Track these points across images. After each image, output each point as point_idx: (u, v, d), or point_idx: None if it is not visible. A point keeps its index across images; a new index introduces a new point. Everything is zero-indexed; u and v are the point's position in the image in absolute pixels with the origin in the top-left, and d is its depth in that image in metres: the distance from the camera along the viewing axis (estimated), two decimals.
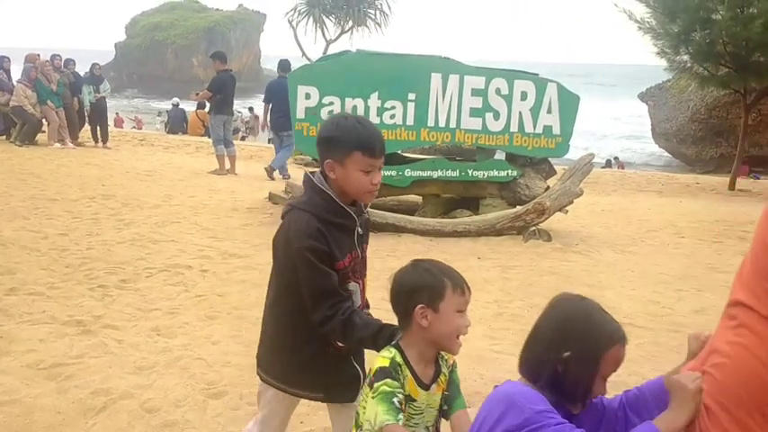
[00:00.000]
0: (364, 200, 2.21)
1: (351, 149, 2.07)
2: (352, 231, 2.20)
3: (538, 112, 8.08)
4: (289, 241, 2.11)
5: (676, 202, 11.92)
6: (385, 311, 2.13)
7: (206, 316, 4.75)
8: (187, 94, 16.07)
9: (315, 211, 2.10)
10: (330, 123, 2.16)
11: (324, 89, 7.53)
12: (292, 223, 2.12)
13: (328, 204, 2.12)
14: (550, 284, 5.96)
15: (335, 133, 2.10)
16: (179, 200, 8.95)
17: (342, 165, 2.09)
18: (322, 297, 2.09)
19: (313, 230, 2.07)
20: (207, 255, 6.34)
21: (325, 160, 2.11)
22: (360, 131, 2.08)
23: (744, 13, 12.85)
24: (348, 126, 2.09)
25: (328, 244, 2.08)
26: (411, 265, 1.95)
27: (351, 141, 2.07)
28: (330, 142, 2.11)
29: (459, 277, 1.90)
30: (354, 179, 2.10)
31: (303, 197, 2.17)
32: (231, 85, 11.83)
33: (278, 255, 2.22)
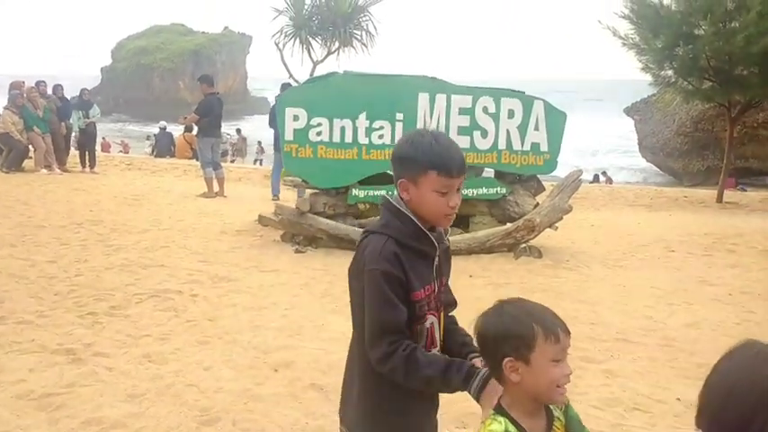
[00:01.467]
0: (441, 224, 2.01)
1: (425, 169, 1.90)
2: (431, 260, 2.01)
3: (525, 130, 8.11)
4: (362, 266, 1.92)
5: (665, 215, 11.98)
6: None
7: (197, 341, 4.71)
8: (174, 118, 16.10)
9: (393, 235, 1.93)
10: (405, 141, 2.00)
11: (312, 111, 7.54)
12: (368, 246, 1.94)
13: (408, 227, 1.95)
14: (542, 301, 5.88)
15: (410, 151, 1.94)
16: (168, 224, 8.90)
17: (416, 185, 1.93)
18: (384, 332, 1.87)
19: (390, 254, 1.89)
20: (197, 279, 6.30)
21: (399, 179, 1.96)
22: (436, 149, 1.92)
23: (726, 28, 13.02)
24: (423, 144, 1.93)
25: (405, 271, 1.89)
26: (495, 308, 1.75)
27: (426, 160, 1.91)
28: (404, 161, 1.96)
29: (552, 320, 1.68)
30: (430, 201, 1.93)
31: (380, 221, 2.00)
32: (218, 107, 11.83)
33: (352, 287, 2.02)
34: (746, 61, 13.07)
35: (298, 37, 13.65)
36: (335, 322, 5.14)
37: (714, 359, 4.61)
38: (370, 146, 7.72)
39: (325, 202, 7.74)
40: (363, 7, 13.75)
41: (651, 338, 5.10)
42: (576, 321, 5.43)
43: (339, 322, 5.15)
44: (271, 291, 6.02)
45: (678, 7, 13.74)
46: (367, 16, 13.95)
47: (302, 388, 3.98)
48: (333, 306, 5.62)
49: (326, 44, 13.89)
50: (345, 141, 7.65)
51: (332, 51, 13.98)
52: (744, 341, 1.41)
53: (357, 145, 7.68)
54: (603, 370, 4.39)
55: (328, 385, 3.94)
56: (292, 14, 13.62)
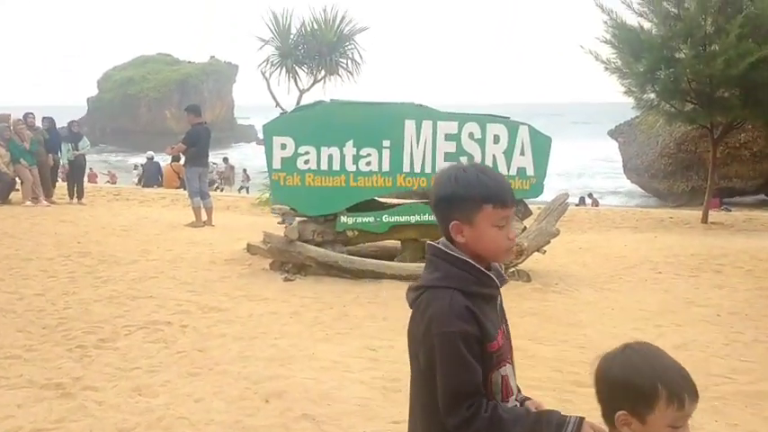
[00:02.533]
0: (502, 259, 1.88)
1: (480, 204, 1.76)
2: (495, 301, 1.88)
3: (511, 155, 8.18)
4: (428, 327, 1.72)
5: (651, 237, 12.07)
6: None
7: (187, 373, 4.68)
8: (161, 147, 16.14)
9: (457, 286, 1.74)
10: (447, 179, 1.82)
11: (299, 139, 7.60)
12: (431, 304, 1.74)
13: (471, 274, 1.77)
14: (532, 325, 5.98)
15: (458, 189, 1.78)
16: (156, 254, 8.87)
17: (471, 224, 1.77)
18: (461, 397, 1.69)
19: (461, 309, 1.70)
20: (186, 309, 6.27)
21: (450, 222, 1.79)
22: (485, 181, 1.78)
23: (705, 52, 13.25)
24: (470, 178, 1.79)
25: (479, 324, 1.72)
26: (620, 352, 1.63)
27: (478, 195, 1.76)
28: (453, 201, 1.79)
29: (680, 383, 1.53)
30: (489, 238, 1.78)
31: (435, 272, 1.80)
32: (206, 137, 11.87)
33: (416, 350, 1.81)
34: (727, 83, 13.29)
35: (284, 66, 13.75)
36: (326, 350, 5.14)
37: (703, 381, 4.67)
38: (357, 173, 7.77)
39: (313, 230, 7.76)
40: (348, 36, 13.90)
41: None
42: (565, 345, 5.46)
43: (329, 350, 5.15)
44: (260, 320, 6.00)
45: (659, 32, 13.99)
46: (352, 45, 14.09)
47: (294, 418, 3.96)
48: (323, 334, 5.61)
49: (312, 73, 14.00)
50: (333, 169, 7.70)
51: (318, 80, 14.08)
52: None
53: (345, 172, 7.73)
54: (594, 394, 4.40)
55: (320, 415, 3.94)
56: (278, 44, 13.73)
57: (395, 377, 4.60)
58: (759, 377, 4.76)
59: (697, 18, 13.36)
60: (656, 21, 14.11)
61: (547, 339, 5.59)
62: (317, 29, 13.67)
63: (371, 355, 5.08)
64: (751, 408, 4.23)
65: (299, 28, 13.77)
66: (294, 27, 13.76)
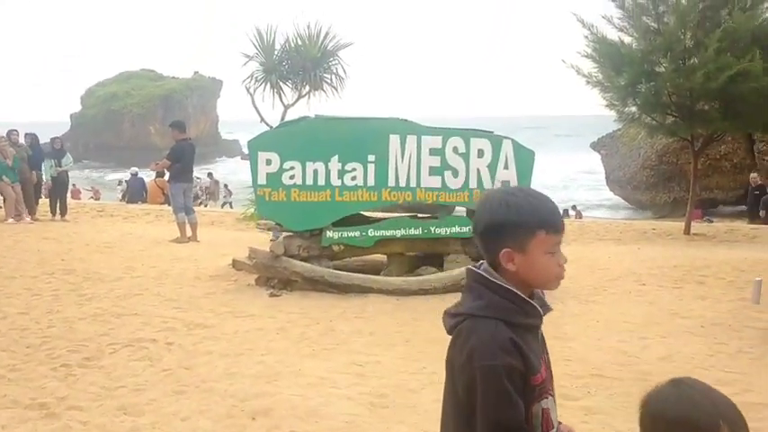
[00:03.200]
0: (552, 287, 1.79)
1: (533, 230, 1.69)
2: (538, 331, 1.79)
3: (495, 169, 8.25)
4: (470, 359, 1.63)
5: (635, 249, 12.16)
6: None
7: (173, 391, 4.65)
8: (145, 163, 16.05)
9: (501, 316, 1.66)
10: (498, 204, 1.72)
11: (284, 155, 7.61)
12: (474, 333, 1.65)
13: (515, 304, 1.69)
14: None
15: (510, 215, 1.69)
16: (141, 271, 8.83)
17: (524, 251, 1.69)
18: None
19: (505, 341, 1.62)
20: (172, 326, 6.24)
21: (501, 250, 1.70)
22: (537, 206, 1.72)
23: (685, 65, 13.42)
24: (521, 203, 1.70)
25: (524, 357, 1.64)
26: (671, 386, 1.53)
27: (531, 221, 1.69)
28: (504, 228, 1.70)
29: (738, 418, 1.47)
30: (541, 265, 1.71)
31: (477, 300, 1.71)
32: (190, 153, 11.86)
33: (454, 379, 1.72)
34: (706, 96, 13.45)
35: (268, 81, 13.75)
36: (313, 367, 5.13)
37: None
38: (342, 188, 7.80)
39: (299, 245, 7.76)
40: (332, 51, 13.93)
41: (627, 373, 5.15)
42: (551, 358, 5.47)
43: (316, 366, 5.14)
44: (246, 336, 5.98)
45: (639, 46, 14.15)
46: (336, 60, 14.13)
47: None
48: (310, 350, 5.60)
49: (297, 88, 14.00)
50: (318, 184, 7.72)
51: (302, 95, 14.08)
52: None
53: (330, 187, 7.75)
54: (582, 407, 4.43)
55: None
56: (262, 59, 13.74)
57: (382, 393, 4.60)
58: (744, 388, 4.80)
59: (676, 32, 13.54)
60: (636, 35, 14.28)
61: None
62: (300, 45, 13.68)
63: (358, 371, 5.07)
64: None
65: (284, 44, 13.78)
66: (278, 43, 13.78)
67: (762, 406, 4.46)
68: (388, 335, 6.10)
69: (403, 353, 5.57)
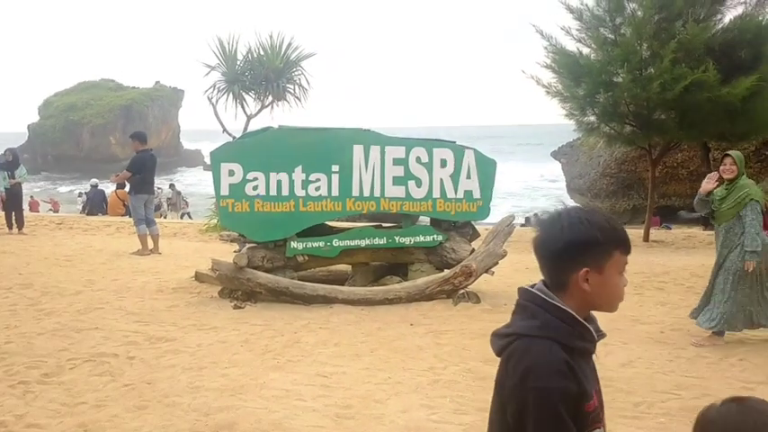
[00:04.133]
0: (615, 309, 1.75)
1: (611, 250, 1.66)
2: (591, 357, 1.74)
3: (458, 178, 8.33)
4: (523, 380, 1.58)
5: None
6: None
7: (135, 406, 4.58)
8: (106, 174, 15.82)
9: (558, 338, 1.62)
10: (577, 222, 1.67)
11: (247, 165, 7.58)
12: (528, 354, 1.61)
13: (573, 326, 1.64)
14: (483, 347, 6.03)
15: (593, 233, 1.65)
16: (102, 284, 8.68)
17: (600, 271, 1.66)
18: None
19: (561, 363, 1.57)
20: (133, 340, 6.15)
21: (579, 270, 1.65)
22: (614, 225, 1.69)
23: (642, 76, 13.72)
24: (600, 222, 1.67)
25: (578, 381, 1.59)
26: (733, 404, 1.50)
27: (611, 240, 1.66)
28: (590, 247, 1.65)
29: None
30: (614, 286, 1.69)
31: (531, 320, 1.67)
32: (151, 164, 11.72)
33: (503, 401, 1.66)
34: (663, 106, 13.77)
35: (230, 91, 13.68)
36: (277, 379, 5.11)
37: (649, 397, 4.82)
38: (307, 198, 7.79)
39: (263, 256, 7.72)
40: (295, 62, 13.93)
41: None
42: None
43: (281, 379, 5.12)
44: (210, 349, 5.92)
45: (597, 57, 14.44)
46: (299, 70, 14.13)
47: None
48: (274, 362, 5.57)
49: (260, 98, 13.96)
50: (282, 194, 7.70)
51: (265, 105, 14.05)
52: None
53: (294, 198, 7.74)
54: None
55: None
56: (224, 69, 13.67)
57: (347, 404, 4.60)
58: (702, 392, 4.91)
59: (633, 44, 13.84)
60: (594, 46, 14.58)
61: (497, 361, 5.63)
62: (263, 55, 13.66)
63: (323, 383, 5.06)
64: None
65: (246, 54, 13.74)
66: (240, 53, 13.74)
67: None
68: (353, 345, 6.10)
69: (368, 363, 5.58)
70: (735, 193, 6.14)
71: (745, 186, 6.10)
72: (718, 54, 13.35)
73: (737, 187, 6.13)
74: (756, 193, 6.08)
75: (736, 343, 6.26)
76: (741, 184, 6.13)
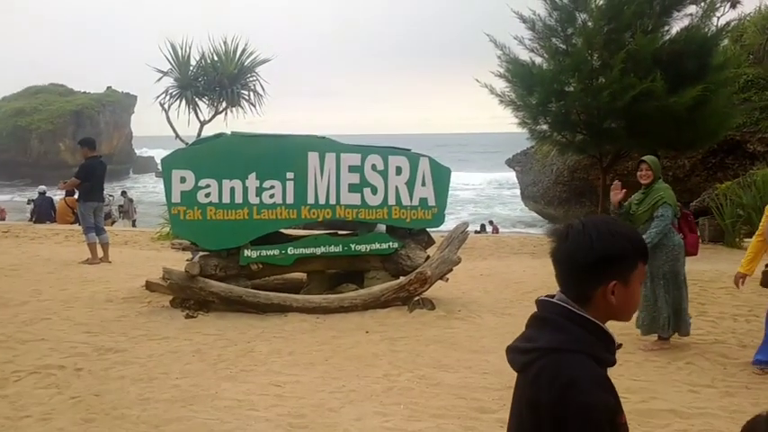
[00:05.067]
0: (630, 319, 1.75)
1: (636, 261, 1.65)
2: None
3: (413, 186, 8.36)
4: (563, 396, 1.52)
5: (548, 262, 12.41)
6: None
7: (82, 419, 4.47)
8: (54, 181, 15.43)
9: (589, 351, 1.59)
10: (606, 235, 1.63)
11: (199, 172, 7.48)
12: (566, 370, 1.55)
13: (601, 339, 1.63)
14: (437, 353, 6.07)
15: (622, 245, 1.63)
16: (49, 294, 8.45)
17: (626, 283, 1.64)
18: None
19: (600, 377, 1.56)
20: (81, 352, 6.00)
21: (608, 283, 1.62)
22: (638, 236, 1.69)
23: (593, 85, 14.03)
24: (626, 233, 1.66)
25: (615, 395, 1.59)
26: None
27: (637, 252, 1.65)
28: (619, 259, 1.63)
29: None
30: (635, 296, 1.67)
31: (558, 334, 1.62)
32: (101, 171, 11.48)
33: (535, 419, 1.60)
34: (613, 115, 14.10)
35: (184, 97, 13.53)
36: (230, 389, 5.04)
37: None
38: (261, 205, 7.71)
39: (215, 264, 7.61)
40: (250, 68, 13.86)
41: None
42: (469, 372, 5.57)
43: (234, 389, 5.05)
44: (161, 360, 5.81)
45: (549, 66, 14.71)
46: (254, 76, 14.06)
47: None
48: (227, 372, 5.50)
49: (214, 104, 13.84)
50: (235, 202, 7.61)
51: (219, 111, 13.94)
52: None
53: (248, 205, 7.66)
54: (498, 419, 4.51)
55: None
56: (177, 75, 13.51)
57: (301, 413, 4.56)
58: (650, 395, 5.02)
59: (584, 54, 14.15)
60: (546, 56, 14.85)
61: (451, 367, 5.69)
62: (217, 60, 13.55)
63: (277, 392, 5.01)
64: (643, 426, 4.44)
65: (199, 59, 13.62)
66: (194, 58, 13.61)
67: (666, 412, 4.67)
68: (307, 354, 6.06)
69: (323, 371, 5.54)
70: (651, 196, 6.41)
71: (660, 190, 6.37)
72: (666, 64, 13.73)
73: (653, 191, 6.41)
74: (670, 197, 6.34)
75: (683, 347, 6.40)
76: (656, 187, 6.42)
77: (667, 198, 6.31)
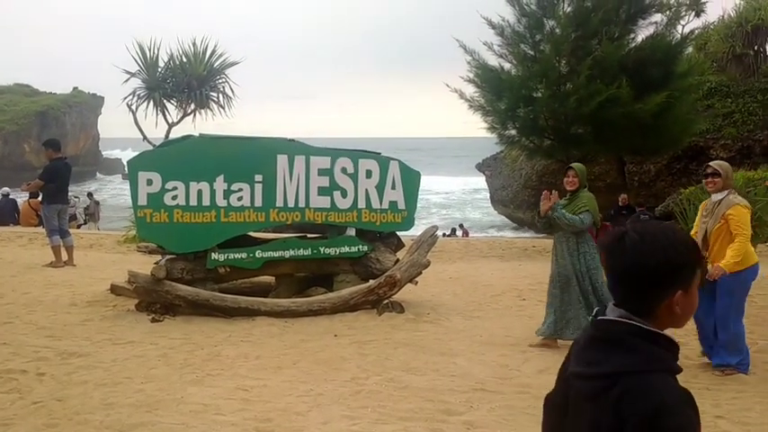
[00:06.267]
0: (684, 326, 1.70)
1: (695, 268, 1.60)
2: None
3: (383, 189, 8.37)
4: (653, 420, 1.45)
5: (516, 265, 12.63)
6: None
7: (44, 424, 4.38)
8: (18, 183, 15.13)
9: (666, 368, 1.54)
10: (668, 243, 1.58)
11: (166, 174, 7.39)
12: (650, 392, 1.48)
13: (671, 352, 1.57)
14: (406, 356, 6.08)
15: (690, 255, 1.59)
16: (11, 297, 8.28)
17: (688, 291, 1.59)
18: None
19: (688, 397, 1.51)
20: (44, 356, 5.88)
21: (674, 293, 1.57)
22: (688, 238, 1.63)
23: (561, 91, 14.21)
24: (685, 239, 1.60)
25: (698, 411, 1.53)
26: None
27: (695, 257, 1.61)
28: (685, 270, 1.58)
29: None
30: (695, 302, 1.62)
31: (632, 355, 1.54)
32: (65, 173, 11.29)
33: None
34: (580, 121, 14.30)
35: (152, 99, 13.39)
36: (196, 393, 4.98)
37: None
38: (228, 208, 7.65)
39: (182, 268, 7.53)
40: (219, 70, 13.77)
41: (508, 386, 5.32)
42: (437, 374, 5.59)
43: (200, 393, 5.00)
44: (125, 364, 5.73)
45: (518, 72, 14.87)
46: (223, 78, 13.97)
47: None
48: (193, 376, 5.44)
49: (182, 106, 13.72)
50: (203, 204, 7.54)
51: (188, 113, 13.82)
52: None
53: (215, 208, 7.59)
54: (464, 421, 4.53)
55: None
56: (145, 76, 13.37)
57: (267, 417, 4.53)
58: None
59: (551, 60, 14.33)
60: (515, 62, 15.00)
61: (419, 369, 5.70)
62: (186, 62, 13.44)
63: (244, 396, 4.97)
64: None
65: (168, 61, 13.50)
66: (162, 59, 13.48)
67: None
68: (275, 358, 6.02)
69: (290, 376, 5.51)
70: (574, 203, 6.61)
71: (584, 198, 6.56)
72: (632, 71, 13.97)
73: (578, 198, 6.62)
74: (592, 207, 6.53)
75: None
76: (581, 195, 6.62)
77: (590, 207, 6.49)
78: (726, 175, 5.77)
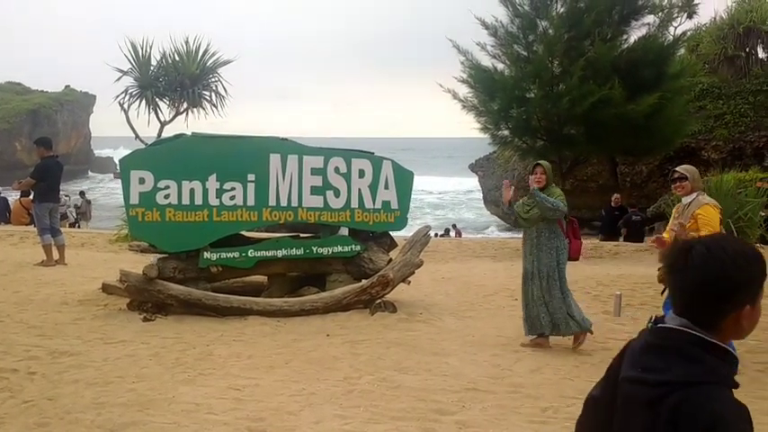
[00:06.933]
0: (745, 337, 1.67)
1: (762, 281, 1.57)
2: None
3: (376, 189, 8.37)
4: (713, 430, 1.46)
5: (509, 265, 12.62)
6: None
7: (35, 424, 4.36)
8: (9, 181, 15.07)
9: (726, 381, 1.53)
10: (740, 258, 1.55)
11: (159, 173, 7.38)
12: (708, 404, 1.48)
13: (732, 366, 1.57)
14: (398, 356, 6.08)
15: (760, 268, 1.56)
16: (2, 296, 8.24)
17: (755, 304, 1.57)
18: None
19: (746, 413, 1.50)
20: (35, 355, 5.86)
21: (743, 308, 1.55)
22: (755, 251, 1.60)
23: (553, 92, 14.23)
24: (754, 253, 1.57)
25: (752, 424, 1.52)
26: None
27: (763, 270, 1.57)
28: (755, 285, 1.56)
29: None
30: (759, 315, 1.59)
31: (693, 364, 1.53)
32: (57, 171, 11.25)
33: None
34: (572, 121, 14.33)
35: (144, 97, 13.34)
36: (188, 393, 4.97)
37: (557, 402, 4.95)
38: (221, 207, 7.64)
39: (174, 267, 7.51)
40: (212, 68, 13.73)
41: (499, 386, 5.33)
42: (429, 374, 5.59)
43: (191, 393, 4.98)
44: (117, 364, 5.71)
45: (511, 73, 14.89)
46: (216, 77, 13.93)
47: None
48: (184, 376, 5.42)
49: (174, 105, 13.68)
50: (195, 203, 7.52)
51: (180, 112, 13.78)
52: None
53: (208, 207, 7.58)
54: (456, 421, 4.54)
55: None
56: (137, 75, 13.32)
57: (260, 416, 4.53)
58: None
59: (544, 61, 14.36)
60: (508, 63, 15.03)
61: (411, 369, 5.70)
62: (178, 60, 13.39)
63: (236, 395, 4.96)
64: None
65: (160, 59, 13.44)
66: (154, 58, 13.43)
67: None
68: (267, 357, 6.01)
69: (282, 375, 5.51)
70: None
71: (553, 194, 6.55)
72: (624, 72, 14.01)
73: (550, 193, 6.55)
74: (563, 200, 6.55)
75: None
76: (552, 191, 6.60)
77: (560, 198, 6.51)
78: (692, 178, 5.93)
